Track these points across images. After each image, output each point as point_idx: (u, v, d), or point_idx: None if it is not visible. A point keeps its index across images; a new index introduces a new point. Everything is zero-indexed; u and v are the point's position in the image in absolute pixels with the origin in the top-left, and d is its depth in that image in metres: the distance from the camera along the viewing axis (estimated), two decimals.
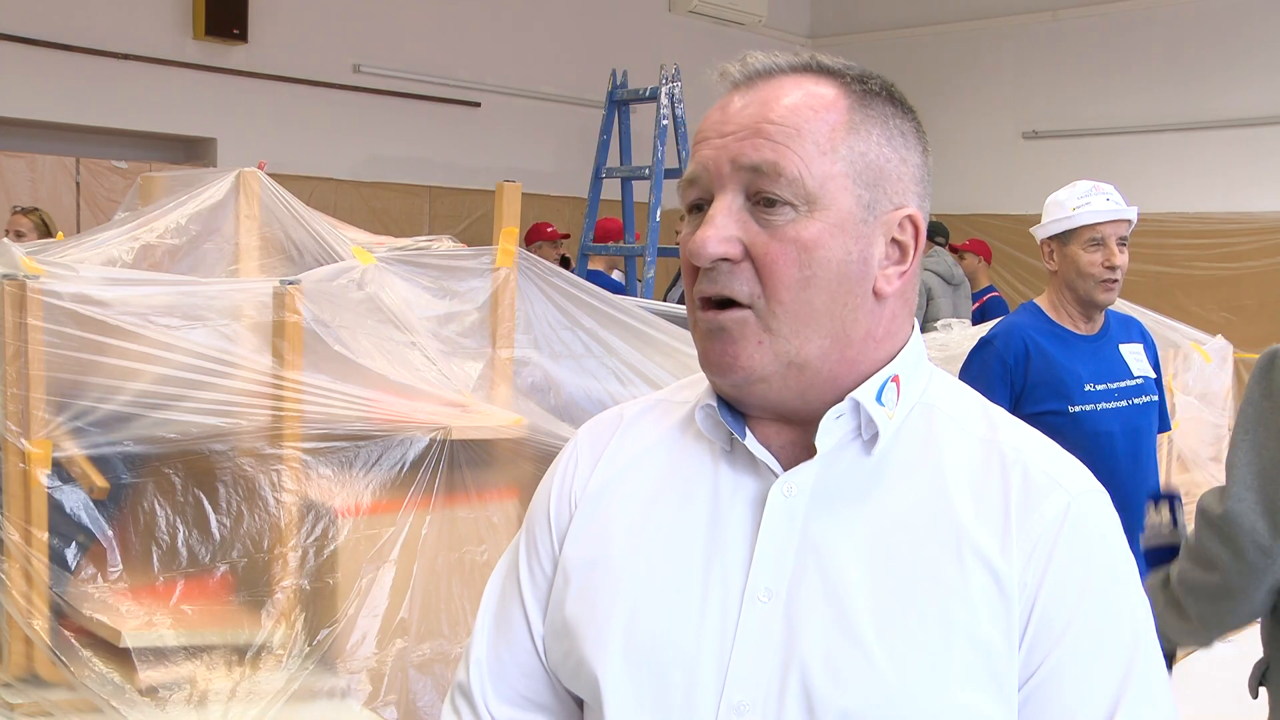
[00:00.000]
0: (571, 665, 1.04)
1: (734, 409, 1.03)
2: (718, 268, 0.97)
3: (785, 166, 0.95)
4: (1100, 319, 2.94)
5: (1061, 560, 0.95)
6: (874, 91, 1.01)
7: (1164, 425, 3.06)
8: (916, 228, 1.01)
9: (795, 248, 0.95)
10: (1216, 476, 4.55)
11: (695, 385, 1.12)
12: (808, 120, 0.97)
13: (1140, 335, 3.05)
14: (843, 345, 0.98)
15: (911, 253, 1.01)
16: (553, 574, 1.09)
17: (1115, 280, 2.85)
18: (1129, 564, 1.00)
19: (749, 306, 0.97)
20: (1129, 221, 2.87)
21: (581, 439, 1.15)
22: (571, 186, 8.35)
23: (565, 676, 1.07)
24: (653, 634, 1.00)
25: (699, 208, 1.00)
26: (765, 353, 0.97)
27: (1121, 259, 2.83)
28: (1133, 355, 2.96)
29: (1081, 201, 2.87)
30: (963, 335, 4.31)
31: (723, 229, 0.96)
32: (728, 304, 0.98)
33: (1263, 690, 1.86)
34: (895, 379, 1.01)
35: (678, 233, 5.88)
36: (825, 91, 0.99)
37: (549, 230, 7.06)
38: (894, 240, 1.00)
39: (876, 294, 0.99)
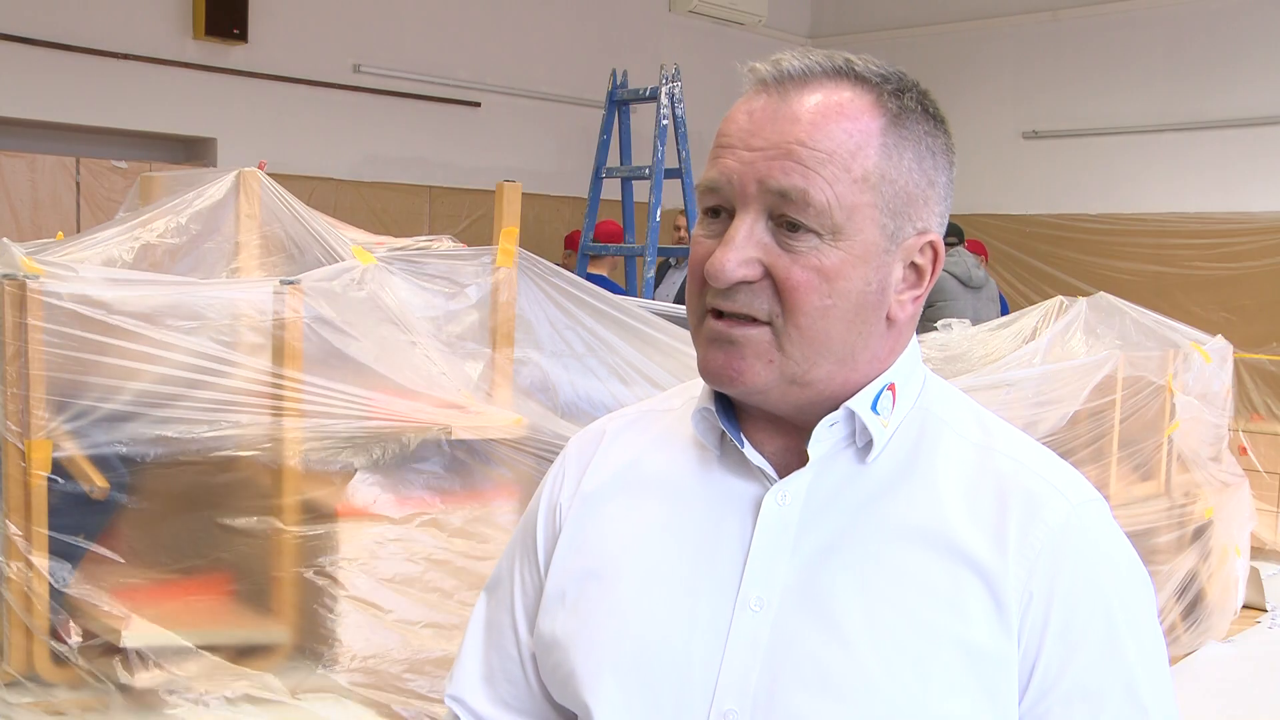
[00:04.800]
0: (561, 677, 1.03)
1: (730, 413, 1.02)
2: (735, 288, 0.95)
3: (814, 196, 0.92)
4: None
5: (1070, 572, 0.94)
6: (910, 108, 0.97)
7: None
8: (936, 252, 0.99)
9: (817, 276, 0.93)
10: (1216, 477, 4.55)
11: (681, 394, 1.12)
12: (841, 145, 0.93)
13: None
14: (848, 369, 0.97)
15: (928, 276, 0.99)
16: (542, 585, 1.08)
17: None
18: (1133, 568, 0.99)
19: (767, 323, 0.95)
20: None
21: (569, 451, 1.15)
22: (571, 186, 8.34)
23: (555, 688, 1.06)
24: (644, 642, 0.99)
25: (715, 212, 0.98)
26: (772, 371, 0.95)
27: None
28: None
29: None
30: (962, 335, 4.29)
31: (743, 251, 0.94)
32: (744, 318, 0.95)
33: (1258, 691, 1.83)
34: (891, 387, 1.00)
35: (677, 228, 5.79)
36: (861, 110, 0.95)
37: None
38: (912, 264, 0.98)
39: (889, 319, 0.98)
